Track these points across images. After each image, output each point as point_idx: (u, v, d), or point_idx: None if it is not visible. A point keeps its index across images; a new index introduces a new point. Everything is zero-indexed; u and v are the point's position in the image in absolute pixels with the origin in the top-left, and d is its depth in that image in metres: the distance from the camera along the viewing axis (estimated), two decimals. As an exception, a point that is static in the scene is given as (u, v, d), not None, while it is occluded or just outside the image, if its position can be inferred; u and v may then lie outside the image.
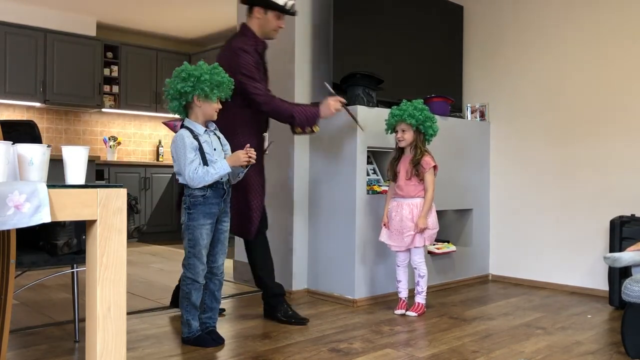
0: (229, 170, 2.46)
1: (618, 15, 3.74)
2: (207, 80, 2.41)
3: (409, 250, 3.20)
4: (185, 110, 2.53)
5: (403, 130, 3.16)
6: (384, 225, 3.23)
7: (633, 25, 3.67)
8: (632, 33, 3.67)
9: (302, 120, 2.90)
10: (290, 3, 2.96)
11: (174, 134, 2.54)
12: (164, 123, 2.75)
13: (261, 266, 3.01)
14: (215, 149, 2.53)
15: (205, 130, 2.52)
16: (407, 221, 3.13)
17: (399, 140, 3.19)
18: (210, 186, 2.49)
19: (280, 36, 3.73)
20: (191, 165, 2.43)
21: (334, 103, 2.95)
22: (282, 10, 2.96)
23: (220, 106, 2.53)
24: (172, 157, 2.53)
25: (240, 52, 2.85)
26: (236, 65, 2.81)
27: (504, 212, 4.28)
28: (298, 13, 3.04)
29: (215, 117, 2.53)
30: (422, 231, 3.11)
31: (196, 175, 2.43)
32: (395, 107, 3.22)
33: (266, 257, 3.03)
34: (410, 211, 3.14)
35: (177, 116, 2.60)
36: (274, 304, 3.01)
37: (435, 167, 3.17)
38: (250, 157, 2.49)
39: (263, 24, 2.97)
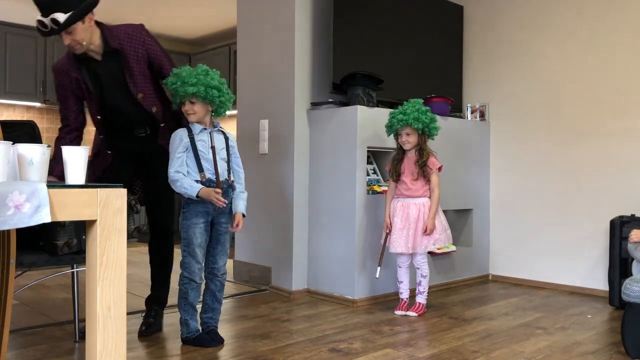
0: (193, 195, 2.46)
1: (618, 15, 3.74)
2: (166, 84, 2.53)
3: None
4: None
5: (408, 134, 3.15)
6: (387, 228, 3.22)
7: (633, 25, 3.67)
8: (633, 32, 3.67)
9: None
10: (38, 18, 2.39)
11: None
12: None
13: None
14: (214, 147, 2.54)
15: (205, 129, 2.54)
16: (422, 222, 3.13)
17: (403, 144, 3.18)
18: (204, 184, 2.50)
19: (280, 36, 3.74)
20: (175, 163, 2.49)
21: None
22: (39, 32, 2.45)
23: (187, 107, 2.52)
24: None
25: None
26: None
27: (504, 212, 4.28)
28: (51, 27, 2.38)
29: (190, 120, 2.54)
30: (430, 232, 3.11)
31: (173, 177, 2.49)
32: (396, 110, 3.19)
33: None
34: (417, 210, 3.14)
35: None
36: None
37: (440, 167, 3.18)
38: (217, 201, 2.48)
39: None
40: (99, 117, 2.73)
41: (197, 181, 2.49)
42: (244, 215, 2.62)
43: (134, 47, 2.67)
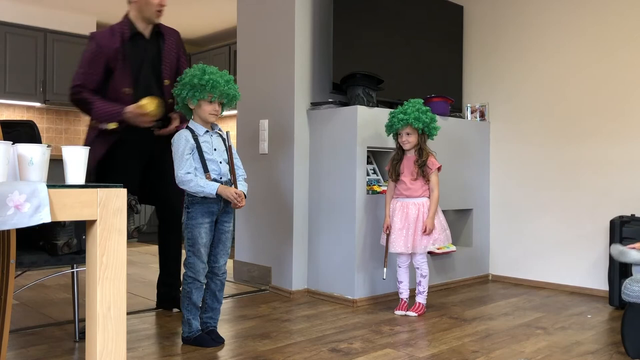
0: (213, 193, 2.46)
1: (618, 16, 3.74)
2: (187, 83, 2.48)
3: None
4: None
5: (408, 134, 3.16)
6: (387, 229, 3.22)
7: (633, 26, 3.67)
8: (633, 33, 3.67)
9: (100, 114, 2.84)
10: None
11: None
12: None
13: None
14: (215, 149, 2.55)
15: (207, 131, 2.55)
16: (421, 222, 3.13)
17: (403, 143, 3.19)
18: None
19: (280, 36, 3.74)
20: (184, 165, 2.47)
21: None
22: None
23: (215, 108, 2.52)
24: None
25: (88, 40, 2.92)
26: None
27: (504, 212, 4.28)
28: None
29: (210, 119, 2.55)
30: (429, 232, 3.11)
31: (185, 178, 2.47)
32: (397, 110, 3.19)
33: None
34: (417, 210, 3.14)
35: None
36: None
37: (439, 167, 3.18)
38: (237, 201, 2.49)
39: (141, 7, 2.92)
40: (127, 89, 2.86)
41: None
42: (245, 197, 2.59)
43: (174, 41, 3.05)
